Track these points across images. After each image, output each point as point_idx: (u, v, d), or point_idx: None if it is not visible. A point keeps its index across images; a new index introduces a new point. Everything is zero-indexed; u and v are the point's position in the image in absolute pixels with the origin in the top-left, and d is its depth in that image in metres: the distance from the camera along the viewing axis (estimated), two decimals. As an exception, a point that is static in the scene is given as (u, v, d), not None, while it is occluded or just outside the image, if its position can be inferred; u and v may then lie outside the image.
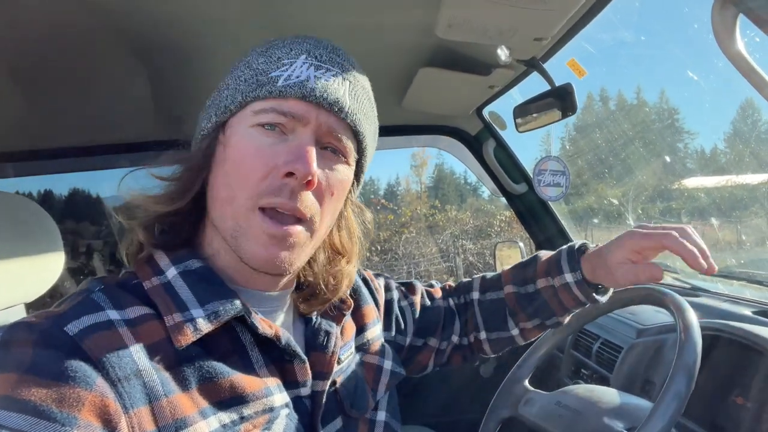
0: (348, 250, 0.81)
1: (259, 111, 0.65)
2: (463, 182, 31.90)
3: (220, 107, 0.68)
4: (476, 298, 1.04)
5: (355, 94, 0.68)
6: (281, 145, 0.64)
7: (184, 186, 0.68)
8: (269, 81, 0.65)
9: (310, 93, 0.64)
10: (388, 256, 10.62)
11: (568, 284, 0.93)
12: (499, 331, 1.02)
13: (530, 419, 1.04)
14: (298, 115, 0.64)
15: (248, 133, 0.65)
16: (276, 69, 0.65)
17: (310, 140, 0.64)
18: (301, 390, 0.70)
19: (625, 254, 0.84)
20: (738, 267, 1.73)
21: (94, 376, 0.52)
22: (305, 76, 0.65)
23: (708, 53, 1.28)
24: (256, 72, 0.66)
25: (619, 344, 1.43)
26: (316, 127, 0.65)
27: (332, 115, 0.66)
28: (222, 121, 0.68)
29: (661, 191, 7.24)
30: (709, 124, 49.69)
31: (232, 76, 0.69)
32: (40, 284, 1.04)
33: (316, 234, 0.68)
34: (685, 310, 0.86)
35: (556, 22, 1.06)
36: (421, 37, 1.22)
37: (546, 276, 0.97)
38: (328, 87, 0.65)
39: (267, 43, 0.70)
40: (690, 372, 0.78)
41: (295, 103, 0.64)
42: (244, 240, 0.64)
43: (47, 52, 1.06)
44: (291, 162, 0.62)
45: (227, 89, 0.68)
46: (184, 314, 0.61)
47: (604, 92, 33.76)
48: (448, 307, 1.05)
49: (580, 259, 0.93)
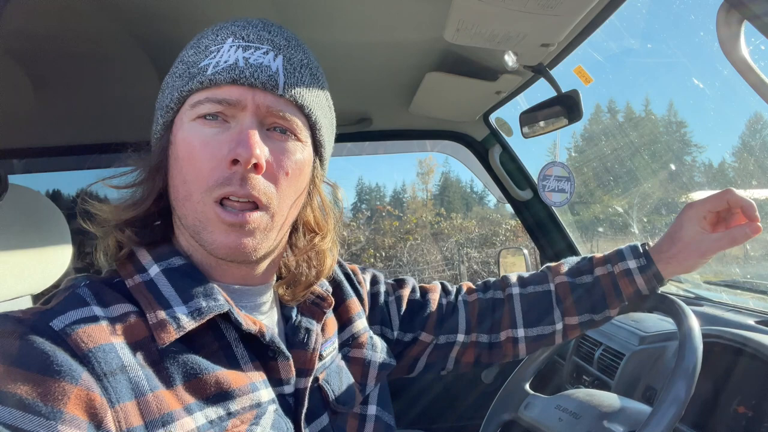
0: (322, 227, 0.80)
1: (196, 103, 0.64)
2: (469, 190, 31.87)
3: (163, 107, 0.68)
4: (516, 293, 1.01)
5: (291, 68, 0.67)
6: (224, 134, 0.63)
7: (145, 191, 0.68)
8: (199, 71, 0.64)
9: (240, 76, 0.63)
10: (393, 262, 10.60)
11: (630, 270, 0.93)
12: (542, 326, 0.98)
13: (530, 423, 1.04)
14: (233, 100, 0.63)
15: (191, 127, 0.64)
16: (205, 58, 0.65)
17: (251, 124, 0.63)
18: (284, 387, 0.70)
19: (699, 223, 0.88)
20: (743, 279, 1.72)
21: (79, 371, 0.52)
22: (233, 60, 0.63)
23: (716, 64, 1.27)
24: (187, 65, 0.66)
25: (621, 351, 1.43)
26: (254, 110, 0.64)
27: (269, 94, 0.64)
28: (168, 120, 0.67)
29: (668, 203, 7.20)
30: (717, 138, 49.48)
31: (170, 74, 0.69)
32: (48, 276, 1.05)
33: (276, 217, 0.67)
34: (687, 316, 0.86)
35: (563, 29, 1.07)
36: (429, 41, 1.23)
37: (605, 264, 0.97)
38: (259, 66, 0.64)
39: (198, 35, 0.69)
40: (690, 377, 0.78)
41: (227, 89, 0.63)
42: (205, 233, 0.64)
43: (59, 50, 1.08)
44: (233, 149, 0.61)
45: (167, 88, 0.68)
46: (167, 311, 0.61)
47: (612, 103, 33.70)
48: (448, 303, 1.02)
49: (646, 251, 0.94)
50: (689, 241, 0.89)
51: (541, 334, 0.98)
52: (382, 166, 69.46)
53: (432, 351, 0.99)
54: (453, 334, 0.99)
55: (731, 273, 2.19)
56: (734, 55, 0.72)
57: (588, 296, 0.96)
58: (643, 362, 1.35)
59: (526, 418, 1.05)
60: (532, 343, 0.99)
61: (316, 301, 0.80)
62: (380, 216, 11.83)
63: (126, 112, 1.47)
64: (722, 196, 0.87)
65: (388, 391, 0.89)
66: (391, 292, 1.00)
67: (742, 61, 0.74)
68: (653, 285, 0.93)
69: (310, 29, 1.14)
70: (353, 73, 1.46)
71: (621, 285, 0.94)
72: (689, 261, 0.90)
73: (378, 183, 45.48)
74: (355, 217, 12.24)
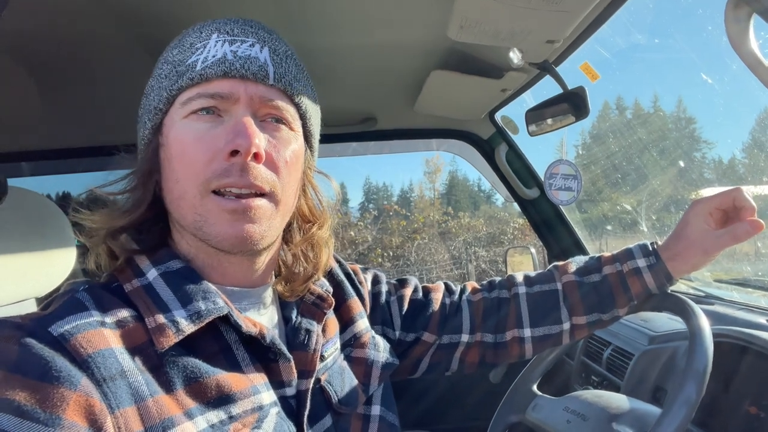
0: (318, 216, 0.79)
1: (187, 101, 0.63)
2: (477, 189, 31.86)
3: (151, 110, 0.67)
4: (523, 292, 0.99)
5: (278, 58, 0.67)
6: (219, 127, 0.63)
7: (137, 199, 0.68)
8: (188, 69, 0.63)
9: (231, 68, 0.63)
10: (400, 262, 10.62)
11: (639, 269, 0.92)
12: (549, 326, 0.96)
13: (538, 424, 1.03)
14: (225, 94, 0.63)
15: (183, 124, 0.64)
16: (191, 56, 0.64)
17: (247, 114, 0.63)
18: (286, 389, 0.69)
19: (704, 220, 0.87)
20: (754, 276, 1.70)
21: (78, 376, 0.51)
22: (221, 54, 0.63)
23: (725, 59, 1.25)
24: (173, 64, 0.65)
25: (631, 351, 1.41)
26: (248, 101, 0.63)
27: (260, 85, 0.64)
28: (156, 123, 0.66)
29: (677, 200, 7.14)
30: (727, 133, 49.10)
31: (154, 76, 0.68)
32: (52, 279, 1.05)
33: (281, 204, 0.67)
34: (697, 316, 0.84)
35: (568, 24, 1.06)
36: (433, 39, 1.22)
37: (614, 263, 0.95)
38: (248, 58, 0.64)
39: (179, 36, 0.69)
40: (700, 378, 0.77)
41: (218, 83, 0.63)
42: (207, 226, 0.63)
43: (62, 52, 1.08)
44: (231, 140, 0.61)
45: (152, 91, 0.67)
46: (165, 315, 0.60)
47: (621, 101, 33.50)
48: (451, 303, 1.00)
49: (655, 249, 0.93)
50: (694, 239, 0.87)
51: (548, 334, 0.96)
52: (389, 165, 69.50)
53: (435, 351, 0.98)
54: (457, 334, 0.97)
55: (742, 271, 2.17)
56: (743, 49, 0.71)
57: (596, 295, 0.95)
58: (652, 362, 1.34)
59: (534, 420, 1.04)
60: (538, 343, 0.97)
61: (316, 302, 0.79)
62: (388, 215, 11.85)
63: (130, 116, 1.47)
64: (730, 193, 0.85)
65: (391, 391, 0.88)
66: (393, 291, 0.99)
67: (751, 55, 0.72)
68: (663, 283, 0.92)
69: (314, 33, 1.14)
70: (358, 74, 1.46)
71: (630, 283, 0.93)
72: (694, 259, 0.89)
73: (385, 182, 45.58)
74: (362, 216, 12.26)
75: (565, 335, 0.97)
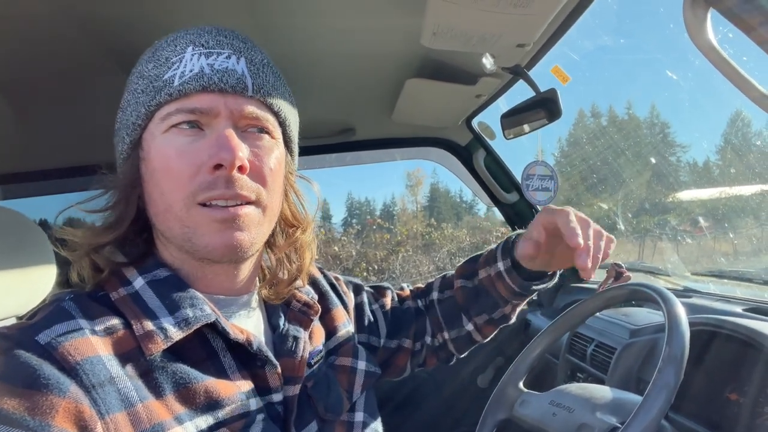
0: (301, 220, 0.80)
1: (166, 116, 0.63)
2: (459, 200, 32.03)
3: (129, 125, 0.67)
4: (436, 298, 1.04)
5: (255, 69, 0.67)
6: (201, 141, 0.63)
7: (120, 213, 0.68)
8: (165, 84, 0.63)
9: (209, 82, 0.63)
10: (385, 275, 10.57)
11: (501, 273, 0.93)
12: (459, 329, 1.01)
13: (525, 420, 1.03)
14: (205, 109, 0.63)
15: (165, 138, 0.64)
16: (168, 70, 0.64)
17: (228, 127, 0.63)
18: (273, 396, 0.69)
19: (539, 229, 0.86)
20: (729, 268, 1.74)
21: (67, 383, 0.51)
22: (198, 68, 0.63)
23: (693, 61, 1.29)
24: (149, 79, 0.65)
25: (613, 345, 1.43)
26: (228, 114, 0.64)
27: (239, 97, 0.64)
28: (135, 138, 0.66)
29: (655, 204, 7.27)
30: (700, 137, 50.15)
31: (129, 90, 0.68)
32: (32, 297, 1.03)
33: (268, 210, 0.68)
34: (672, 303, 0.86)
35: (537, 28, 1.08)
36: (407, 47, 1.24)
37: (485, 266, 0.97)
38: (226, 71, 0.64)
39: (152, 48, 0.69)
40: (678, 363, 0.78)
41: (197, 97, 0.63)
42: (196, 237, 0.63)
43: (36, 72, 1.08)
44: (215, 154, 0.61)
45: (129, 106, 0.67)
46: (153, 322, 0.61)
47: (595, 107, 34.08)
48: (417, 308, 1.05)
49: (513, 247, 0.92)
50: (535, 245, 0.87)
51: (459, 336, 1.02)
52: (371, 180, 69.58)
53: (413, 355, 1.03)
54: (425, 337, 1.04)
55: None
56: (701, 40, 0.74)
57: (479, 300, 0.98)
58: (634, 355, 1.36)
59: (521, 416, 1.04)
60: (460, 344, 1.03)
61: (303, 309, 0.80)
62: (371, 229, 11.82)
63: (107, 135, 1.47)
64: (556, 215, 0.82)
65: (374, 398, 0.90)
66: (374, 301, 1.02)
67: (709, 46, 0.75)
68: (528, 287, 0.92)
69: (288, 41, 1.15)
70: (335, 84, 1.47)
71: (498, 288, 0.94)
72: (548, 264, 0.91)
73: (368, 197, 45.56)
74: (345, 231, 12.22)
75: (475, 334, 1.02)
